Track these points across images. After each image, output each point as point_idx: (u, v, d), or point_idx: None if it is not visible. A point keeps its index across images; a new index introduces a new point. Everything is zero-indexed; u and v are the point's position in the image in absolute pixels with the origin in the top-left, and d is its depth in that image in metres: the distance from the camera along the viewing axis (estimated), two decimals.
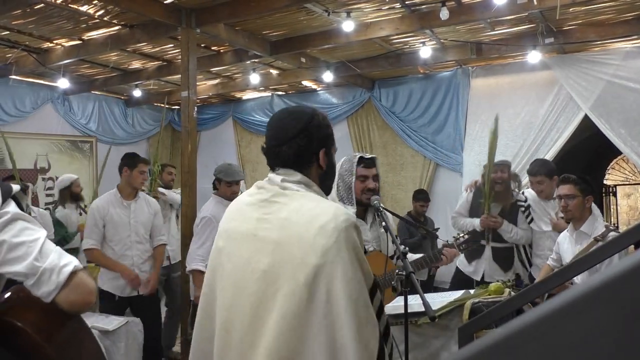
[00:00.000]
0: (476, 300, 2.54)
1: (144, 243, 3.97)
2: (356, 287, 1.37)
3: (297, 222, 1.44)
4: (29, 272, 1.19)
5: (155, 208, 4.12)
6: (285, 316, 1.36)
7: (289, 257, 1.40)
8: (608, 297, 0.32)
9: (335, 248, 1.37)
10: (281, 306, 1.37)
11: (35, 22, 4.63)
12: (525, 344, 0.34)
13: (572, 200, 3.18)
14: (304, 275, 1.36)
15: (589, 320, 0.32)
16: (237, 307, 1.47)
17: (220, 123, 8.08)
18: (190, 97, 4.39)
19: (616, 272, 0.33)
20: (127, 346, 3.16)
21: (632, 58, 5.14)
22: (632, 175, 12.81)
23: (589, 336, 0.32)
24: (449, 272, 6.16)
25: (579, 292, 0.33)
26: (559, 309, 0.33)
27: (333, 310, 1.35)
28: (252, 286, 1.44)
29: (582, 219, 3.21)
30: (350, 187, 2.59)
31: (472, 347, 0.36)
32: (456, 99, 6.11)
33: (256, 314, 1.42)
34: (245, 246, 1.50)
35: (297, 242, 1.41)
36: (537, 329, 0.34)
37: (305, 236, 1.40)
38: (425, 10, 4.44)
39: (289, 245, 1.42)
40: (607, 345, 0.32)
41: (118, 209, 3.87)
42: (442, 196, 6.27)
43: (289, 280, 1.38)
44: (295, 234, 1.42)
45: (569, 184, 3.20)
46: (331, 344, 1.34)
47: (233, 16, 4.28)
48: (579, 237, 3.21)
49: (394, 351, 1.67)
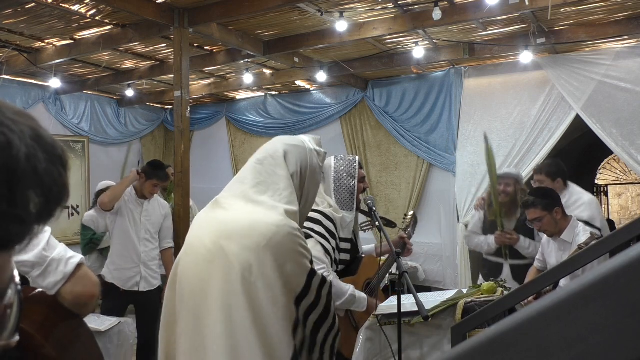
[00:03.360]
0: (469, 300, 2.55)
1: (152, 242, 4.08)
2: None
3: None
4: (38, 261, 1.19)
5: (166, 210, 4.24)
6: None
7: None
8: (600, 295, 0.33)
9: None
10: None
11: (26, 21, 4.59)
12: (517, 342, 0.34)
13: (541, 222, 3.22)
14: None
15: (581, 318, 0.32)
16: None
17: (214, 123, 8.05)
18: (183, 96, 4.38)
19: (608, 269, 0.33)
20: (119, 347, 3.15)
21: (623, 58, 5.17)
22: (623, 175, 12.91)
23: (582, 333, 0.32)
24: (442, 273, 6.19)
25: (571, 289, 0.34)
26: (552, 306, 0.34)
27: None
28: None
29: (561, 229, 3.24)
30: (352, 190, 2.57)
31: (465, 346, 0.36)
32: (449, 99, 6.13)
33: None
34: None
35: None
36: (530, 327, 0.34)
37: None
38: (418, 11, 4.45)
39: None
40: (600, 343, 0.32)
41: (131, 205, 4.01)
42: (435, 196, 6.29)
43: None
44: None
45: (531, 209, 3.24)
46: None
47: (226, 16, 4.27)
48: (561, 245, 3.25)
49: (387, 351, 1.68)
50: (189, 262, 1.54)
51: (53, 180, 0.44)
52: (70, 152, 7.25)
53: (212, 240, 1.50)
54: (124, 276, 3.91)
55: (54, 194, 0.45)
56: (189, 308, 1.49)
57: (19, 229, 0.43)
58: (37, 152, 0.44)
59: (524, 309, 0.35)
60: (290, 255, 1.45)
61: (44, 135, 0.45)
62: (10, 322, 0.48)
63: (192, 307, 1.48)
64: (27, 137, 0.43)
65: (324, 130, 7.05)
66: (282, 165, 1.61)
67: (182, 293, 1.52)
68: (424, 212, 6.37)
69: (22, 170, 0.42)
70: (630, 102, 5.08)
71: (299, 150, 1.66)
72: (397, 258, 2.05)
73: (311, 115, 7.15)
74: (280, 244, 1.44)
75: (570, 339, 0.32)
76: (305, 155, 1.66)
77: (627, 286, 0.32)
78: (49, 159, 0.45)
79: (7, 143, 0.41)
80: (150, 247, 4.05)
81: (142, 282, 3.97)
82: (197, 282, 1.49)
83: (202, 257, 1.50)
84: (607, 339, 0.32)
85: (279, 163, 1.61)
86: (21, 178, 0.42)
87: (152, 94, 7.56)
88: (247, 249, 1.43)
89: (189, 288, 1.51)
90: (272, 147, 1.68)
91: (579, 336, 0.32)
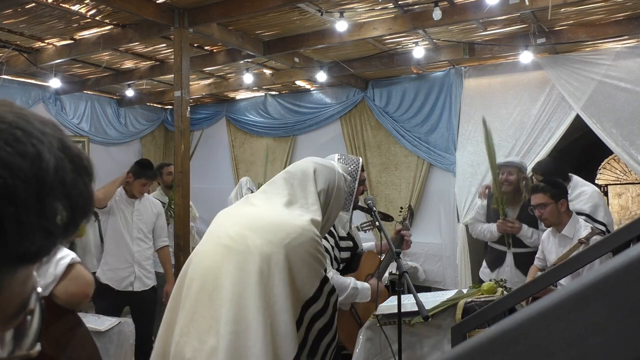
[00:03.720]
0: (469, 300, 2.55)
1: (145, 241, 4.07)
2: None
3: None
4: None
5: (158, 209, 4.23)
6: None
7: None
8: (600, 295, 0.33)
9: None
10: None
11: (26, 21, 4.59)
12: (517, 342, 0.34)
13: (544, 209, 3.22)
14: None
15: (581, 318, 0.32)
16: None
17: (214, 123, 8.05)
18: (183, 97, 4.38)
19: (608, 269, 0.33)
20: (118, 347, 3.15)
21: (623, 58, 5.17)
22: (623, 175, 12.90)
23: (582, 333, 0.32)
24: (442, 273, 6.19)
25: (571, 289, 0.34)
26: (552, 306, 0.34)
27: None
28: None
29: (562, 222, 3.24)
30: (353, 192, 2.62)
31: (465, 346, 0.36)
32: (449, 99, 6.13)
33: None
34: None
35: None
36: (530, 327, 0.34)
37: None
38: (418, 11, 4.45)
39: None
40: (600, 343, 0.32)
41: (122, 205, 4.00)
42: (435, 196, 6.29)
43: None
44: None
45: (539, 193, 3.24)
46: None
47: (226, 16, 4.27)
48: (561, 240, 3.24)
49: (387, 351, 1.71)
50: (206, 249, 1.59)
51: (79, 192, 0.45)
52: None
53: (235, 230, 1.58)
54: (117, 276, 3.90)
55: (80, 206, 0.45)
56: (199, 287, 1.51)
57: (47, 242, 0.43)
58: (64, 163, 0.44)
59: (524, 309, 0.35)
60: (309, 259, 1.51)
61: (71, 146, 0.46)
62: (31, 330, 0.48)
63: (204, 286, 1.51)
64: (55, 148, 0.44)
65: (324, 130, 7.06)
66: (311, 181, 1.71)
67: (193, 276, 1.56)
68: (424, 212, 6.37)
69: (50, 181, 0.42)
70: (630, 102, 5.08)
71: (329, 171, 1.77)
72: (397, 258, 2.05)
73: (311, 115, 7.15)
74: (302, 246, 1.51)
75: (570, 339, 0.32)
76: (334, 176, 1.77)
77: (627, 286, 0.32)
78: (76, 170, 0.45)
79: (37, 155, 0.42)
80: (144, 247, 4.05)
81: (137, 282, 3.97)
82: (211, 263, 1.53)
83: (222, 242, 1.56)
84: (607, 339, 0.32)
85: (309, 179, 1.71)
86: (50, 190, 0.42)
87: (152, 94, 7.56)
88: (270, 243, 1.49)
89: (202, 270, 1.54)
90: (304, 164, 1.79)
91: (579, 336, 0.32)
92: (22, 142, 0.42)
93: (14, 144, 0.41)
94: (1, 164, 0.40)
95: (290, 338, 1.42)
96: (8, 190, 0.39)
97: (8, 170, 0.40)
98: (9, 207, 0.39)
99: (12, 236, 0.40)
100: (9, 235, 0.39)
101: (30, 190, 0.40)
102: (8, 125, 0.42)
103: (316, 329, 1.52)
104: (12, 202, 0.39)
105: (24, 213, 0.40)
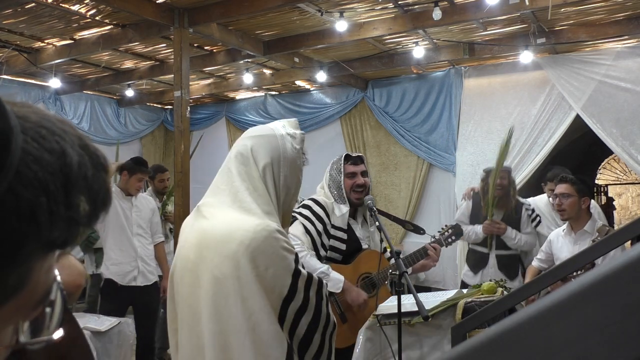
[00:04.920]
0: (469, 300, 2.55)
1: (145, 237, 4.08)
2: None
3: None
4: None
5: (153, 205, 4.24)
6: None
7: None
8: (600, 295, 0.33)
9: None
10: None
11: (26, 21, 4.60)
12: (517, 342, 0.34)
13: (566, 199, 3.22)
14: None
15: (582, 318, 0.32)
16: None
17: (213, 123, 8.05)
18: (183, 97, 4.38)
19: (608, 269, 0.33)
20: (119, 347, 3.15)
21: (623, 58, 5.17)
22: (623, 175, 12.91)
23: (582, 333, 0.32)
24: (442, 273, 6.19)
25: (572, 288, 0.33)
26: (552, 306, 0.34)
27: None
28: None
29: (580, 219, 3.25)
30: (340, 185, 2.63)
31: (465, 346, 0.36)
32: (449, 99, 6.13)
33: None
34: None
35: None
36: (530, 327, 0.34)
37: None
38: (418, 11, 4.45)
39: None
40: (600, 343, 0.32)
41: (120, 202, 3.99)
42: (435, 196, 6.29)
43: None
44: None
45: (566, 183, 3.26)
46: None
47: (226, 16, 4.27)
48: (579, 237, 3.25)
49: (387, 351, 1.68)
50: (179, 275, 1.55)
51: (99, 186, 0.49)
52: None
53: (194, 251, 1.50)
54: (121, 270, 3.91)
55: (100, 198, 0.49)
56: (186, 318, 1.51)
57: (73, 231, 0.47)
58: (85, 159, 0.48)
59: (524, 309, 0.35)
60: (271, 259, 1.42)
61: (89, 144, 0.50)
62: (54, 316, 0.52)
63: (189, 317, 1.50)
64: (76, 145, 0.48)
65: (324, 130, 7.06)
66: (251, 163, 1.53)
67: (178, 300, 1.55)
68: (424, 212, 6.37)
69: (75, 176, 0.46)
70: (630, 102, 5.08)
71: (267, 140, 1.55)
72: (397, 258, 2.05)
73: (311, 115, 7.15)
74: (259, 249, 1.41)
75: (570, 339, 0.32)
76: (276, 143, 1.54)
77: (627, 286, 0.32)
78: (95, 165, 0.49)
79: (62, 151, 0.46)
80: (145, 243, 4.07)
81: (140, 276, 3.97)
82: (188, 292, 1.50)
83: (188, 269, 1.51)
84: (607, 339, 0.31)
85: (247, 160, 1.54)
86: (75, 184, 0.46)
87: (152, 94, 7.56)
88: (227, 258, 1.41)
89: (183, 298, 1.53)
90: (241, 144, 1.59)
91: (579, 336, 0.32)
92: (48, 139, 0.45)
93: (40, 141, 0.45)
94: (32, 158, 0.43)
95: (277, 343, 1.40)
96: (40, 182, 0.43)
97: (38, 165, 0.43)
98: (41, 198, 0.43)
99: (44, 225, 0.44)
100: (42, 224, 0.43)
101: (59, 183, 0.44)
102: (34, 124, 0.45)
103: (303, 325, 1.45)
104: (44, 193, 0.43)
105: (54, 204, 0.44)
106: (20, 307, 0.47)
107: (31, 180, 0.43)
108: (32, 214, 0.43)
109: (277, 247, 1.43)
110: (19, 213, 0.42)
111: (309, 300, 1.46)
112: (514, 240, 3.87)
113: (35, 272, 0.46)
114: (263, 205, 1.49)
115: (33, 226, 0.43)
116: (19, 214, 0.42)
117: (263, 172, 1.52)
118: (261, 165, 1.52)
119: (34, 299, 0.48)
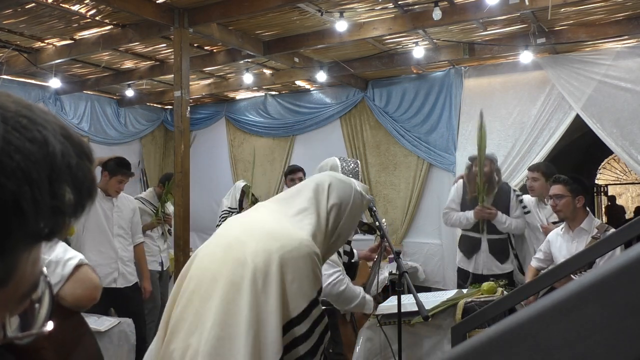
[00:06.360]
0: (469, 300, 2.55)
1: (125, 237, 4.03)
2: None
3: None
4: None
5: (134, 206, 4.20)
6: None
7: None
8: (600, 295, 0.33)
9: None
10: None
11: (26, 21, 4.59)
12: (518, 342, 0.34)
13: (560, 200, 3.23)
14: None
15: (582, 318, 0.32)
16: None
17: (213, 123, 8.05)
18: (183, 97, 4.38)
19: (608, 269, 0.33)
20: (118, 347, 3.15)
21: (623, 58, 5.17)
22: (623, 175, 12.91)
23: (582, 333, 0.32)
24: (441, 272, 6.19)
25: (572, 289, 0.33)
26: (552, 306, 0.34)
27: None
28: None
29: (577, 218, 3.25)
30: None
31: (465, 346, 0.36)
32: (449, 99, 6.13)
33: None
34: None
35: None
36: (530, 327, 0.34)
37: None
38: (418, 11, 4.45)
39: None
40: (600, 343, 0.32)
41: (101, 202, 3.92)
42: (435, 196, 6.29)
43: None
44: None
45: (559, 184, 3.26)
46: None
47: (226, 16, 4.27)
48: (577, 235, 3.25)
49: (387, 351, 1.68)
50: (207, 251, 1.58)
51: (84, 175, 0.48)
52: None
53: (236, 234, 1.56)
54: (101, 272, 3.82)
55: (85, 187, 0.48)
56: (194, 288, 1.49)
57: (59, 221, 0.46)
58: (68, 148, 0.47)
59: (524, 309, 0.35)
60: (300, 274, 1.44)
61: (72, 133, 0.49)
62: (42, 309, 0.51)
63: (198, 287, 1.49)
64: (59, 134, 0.47)
65: (324, 130, 7.05)
66: (324, 195, 1.65)
67: (191, 276, 1.54)
68: (423, 212, 6.37)
69: (58, 165, 0.45)
70: (630, 102, 5.08)
71: (345, 187, 1.70)
72: (397, 258, 2.05)
73: (311, 115, 7.15)
74: (295, 260, 1.44)
75: (570, 339, 0.32)
76: (350, 192, 1.69)
77: (627, 286, 0.32)
78: (79, 154, 0.48)
79: (44, 140, 0.45)
80: (125, 244, 4.00)
81: (120, 278, 3.92)
82: (208, 265, 1.51)
83: (222, 245, 1.55)
84: (607, 339, 0.32)
85: (322, 192, 1.65)
86: (58, 173, 0.45)
87: (152, 94, 7.56)
88: (265, 251, 1.44)
89: (199, 271, 1.53)
90: (321, 177, 1.74)
91: (579, 336, 0.32)
92: (29, 129, 0.44)
93: (22, 130, 0.44)
94: (13, 148, 0.43)
95: (275, 350, 1.39)
96: (22, 172, 0.42)
97: (20, 154, 0.43)
98: (24, 187, 0.42)
99: (29, 215, 0.43)
100: (26, 214, 0.43)
101: (42, 172, 0.44)
102: (14, 114, 0.45)
103: (295, 355, 1.43)
104: (27, 183, 0.43)
105: (38, 193, 0.43)
106: (6, 300, 0.46)
107: (14, 170, 0.42)
108: (16, 204, 0.42)
109: (311, 268, 1.47)
110: (2, 204, 0.41)
111: (312, 333, 1.46)
112: (504, 224, 4.01)
113: (21, 265, 0.46)
114: (317, 233, 1.56)
115: (17, 217, 0.42)
116: (3, 204, 0.41)
117: (330, 209, 1.63)
118: (331, 203, 1.64)
119: (20, 292, 0.48)
